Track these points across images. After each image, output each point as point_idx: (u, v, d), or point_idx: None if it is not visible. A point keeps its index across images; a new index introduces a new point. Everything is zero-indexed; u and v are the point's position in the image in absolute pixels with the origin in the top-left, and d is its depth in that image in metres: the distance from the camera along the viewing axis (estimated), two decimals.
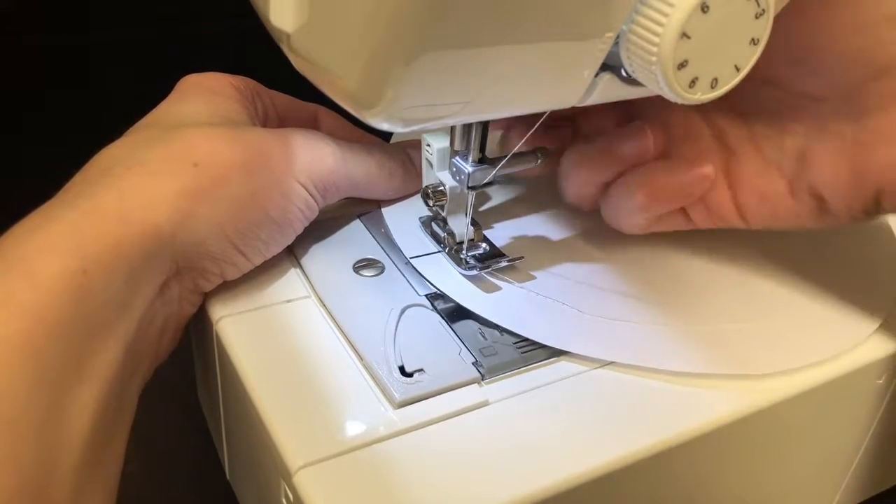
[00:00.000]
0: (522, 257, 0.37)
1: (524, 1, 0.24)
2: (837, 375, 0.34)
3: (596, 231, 0.40)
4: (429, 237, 0.38)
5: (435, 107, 0.27)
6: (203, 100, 0.35)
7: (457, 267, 0.37)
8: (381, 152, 0.38)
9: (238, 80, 0.37)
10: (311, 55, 0.27)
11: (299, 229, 0.36)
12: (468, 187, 0.35)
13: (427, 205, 0.37)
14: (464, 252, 0.37)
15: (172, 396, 0.43)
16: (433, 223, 0.38)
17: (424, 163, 0.37)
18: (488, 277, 0.36)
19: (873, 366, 0.35)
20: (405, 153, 0.39)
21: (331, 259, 0.37)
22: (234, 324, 0.33)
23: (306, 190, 0.34)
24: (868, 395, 0.37)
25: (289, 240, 0.36)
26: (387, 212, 0.40)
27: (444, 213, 0.37)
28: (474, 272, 0.36)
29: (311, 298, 0.35)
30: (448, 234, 0.37)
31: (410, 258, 0.37)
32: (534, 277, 0.37)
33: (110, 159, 0.32)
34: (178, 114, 0.35)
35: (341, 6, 0.25)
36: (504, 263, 0.37)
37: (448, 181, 0.36)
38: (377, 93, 0.26)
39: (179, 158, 0.31)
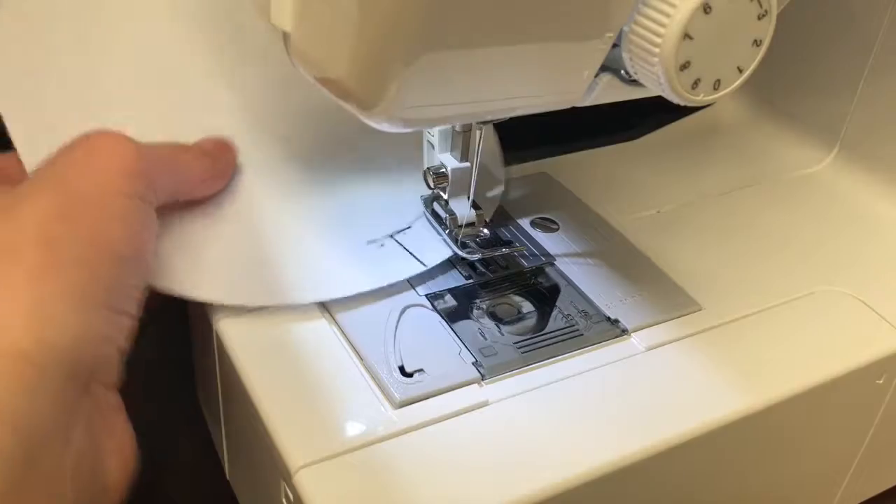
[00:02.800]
0: (523, 248, 0.38)
1: (524, 1, 0.24)
2: (837, 375, 0.34)
3: None
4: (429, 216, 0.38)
5: (435, 107, 0.27)
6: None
7: (458, 250, 0.37)
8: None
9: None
10: (311, 55, 0.27)
11: (152, 245, 0.30)
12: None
13: (429, 186, 0.37)
14: (462, 234, 0.37)
15: (172, 396, 0.43)
16: (434, 203, 0.38)
17: (426, 144, 0.37)
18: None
19: (873, 366, 0.35)
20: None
21: None
22: (234, 324, 0.33)
23: (131, 189, 0.28)
24: (868, 395, 0.37)
25: (148, 270, 0.29)
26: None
27: (445, 196, 0.37)
28: (476, 256, 0.37)
29: None
30: (449, 214, 0.37)
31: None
32: None
33: None
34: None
35: (342, 6, 0.25)
36: (505, 251, 0.37)
37: (450, 163, 0.36)
38: (378, 93, 0.26)
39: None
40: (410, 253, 0.36)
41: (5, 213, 0.26)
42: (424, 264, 0.36)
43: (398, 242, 0.36)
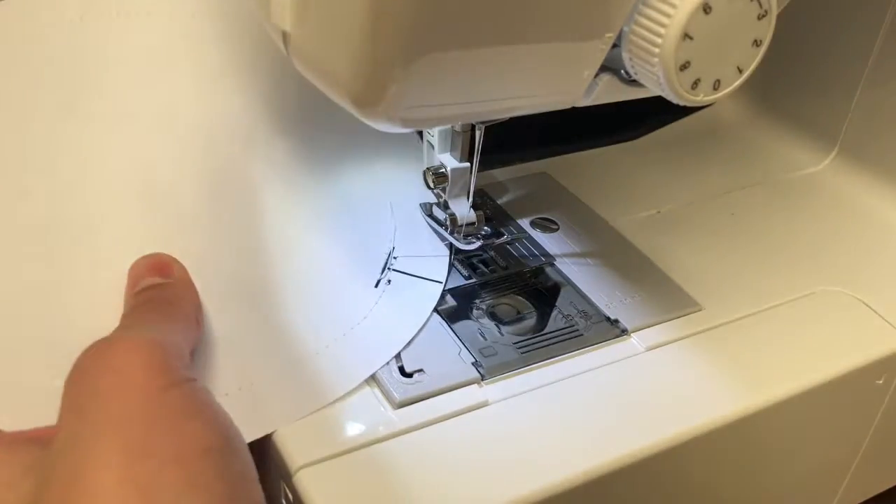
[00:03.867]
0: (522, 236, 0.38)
1: (524, 1, 0.24)
2: (837, 375, 0.34)
3: None
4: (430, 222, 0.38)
5: (435, 107, 0.27)
6: None
7: (457, 242, 0.37)
8: None
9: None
10: (310, 55, 0.27)
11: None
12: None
13: (428, 187, 0.37)
14: (463, 234, 0.37)
15: None
16: (434, 207, 0.38)
17: (425, 144, 0.37)
18: None
19: (873, 366, 0.35)
20: None
21: None
22: None
23: (173, 379, 0.25)
24: (868, 395, 0.37)
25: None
26: None
27: (445, 196, 0.37)
28: (475, 245, 0.37)
29: None
30: (449, 216, 0.37)
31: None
32: None
33: None
34: None
35: (341, 6, 0.25)
36: (506, 238, 0.38)
37: (449, 163, 0.36)
38: (377, 93, 0.26)
39: None
40: (420, 277, 0.36)
41: (68, 490, 0.22)
42: (439, 281, 0.36)
43: (401, 272, 0.36)
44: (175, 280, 0.31)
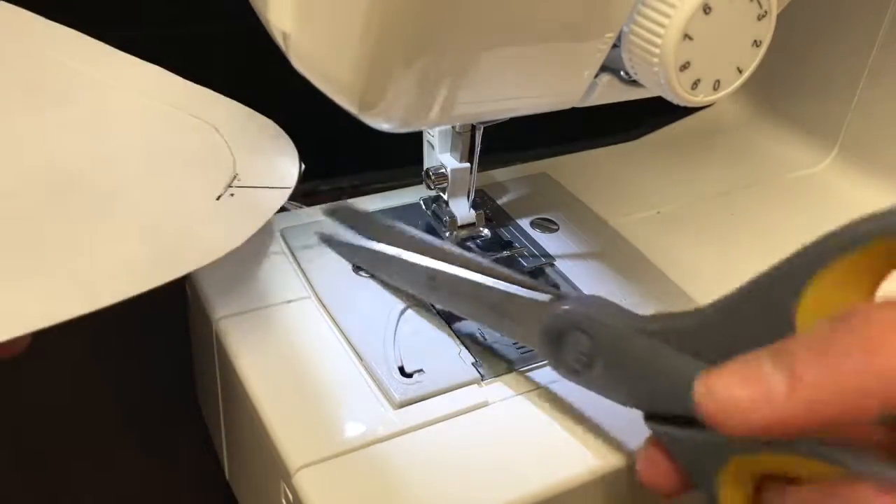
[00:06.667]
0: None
1: (524, 3, 0.24)
2: None
3: None
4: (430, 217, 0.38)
5: (435, 107, 0.27)
6: None
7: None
8: None
9: None
10: (310, 55, 0.27)
11: None
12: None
13: (428, 187, 0.37)
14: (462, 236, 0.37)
15: (172, 396, 0.43)
16: (434, 204, 0.38)
17: (426, 144, 0.37)
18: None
19: None
20: None
21: (330, 259, 0.37)
22: (233, 324, 0.33)
23: None
24: None
25: None
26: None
27: (445, 196, 0.37)
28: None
29: (311, 299, 0.35)
30: (450, 217, 0.37)
31: None
32: None
33: None
34: None
35: (341, 6, 0.25)
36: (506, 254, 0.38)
37: (449, 163, 0.36)
38: (377, 93, 0.26)
39: None
40: (264, 187, 0.33)
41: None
42: (286, 187, 0.33)
43: (247, 186, 0.32)
44: None
